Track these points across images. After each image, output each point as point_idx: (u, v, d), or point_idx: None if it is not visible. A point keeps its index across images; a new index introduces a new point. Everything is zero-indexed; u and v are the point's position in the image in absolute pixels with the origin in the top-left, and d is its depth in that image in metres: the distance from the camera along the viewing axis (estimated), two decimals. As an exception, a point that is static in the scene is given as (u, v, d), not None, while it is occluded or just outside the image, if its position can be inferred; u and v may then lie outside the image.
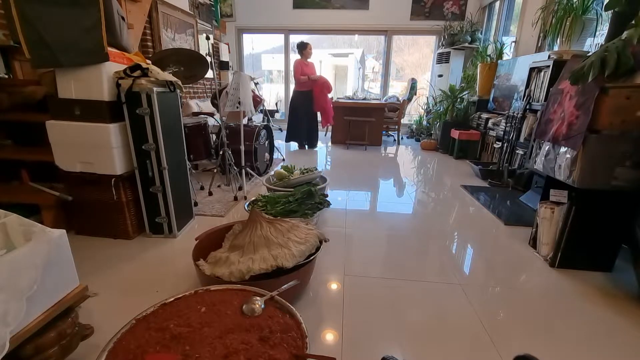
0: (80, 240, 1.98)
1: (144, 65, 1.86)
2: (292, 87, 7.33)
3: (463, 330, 1.37)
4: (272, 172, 2.76)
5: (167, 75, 1.97)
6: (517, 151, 3.37)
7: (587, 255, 1.81)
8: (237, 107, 2.67)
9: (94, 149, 1.86)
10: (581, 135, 1.63)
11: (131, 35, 3.00)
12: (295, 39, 7.18)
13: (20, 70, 2.38)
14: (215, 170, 2.99)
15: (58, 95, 1.85)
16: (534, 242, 2.04)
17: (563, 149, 1.77)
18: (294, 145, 5.20)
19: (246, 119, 3.41)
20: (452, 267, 1.84)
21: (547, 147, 1.92)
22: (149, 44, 3.85)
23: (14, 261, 0.88)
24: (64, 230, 1.03)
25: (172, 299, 1.12)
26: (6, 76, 2.31)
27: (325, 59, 10.42)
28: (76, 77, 1.80)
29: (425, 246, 2.09)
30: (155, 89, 1.82)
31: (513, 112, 3.42)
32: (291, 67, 7.05)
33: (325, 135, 6.27)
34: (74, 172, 1.91)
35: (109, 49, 1.81)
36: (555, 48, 3.22)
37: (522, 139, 3.28)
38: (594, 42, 3.06)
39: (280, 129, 6.82)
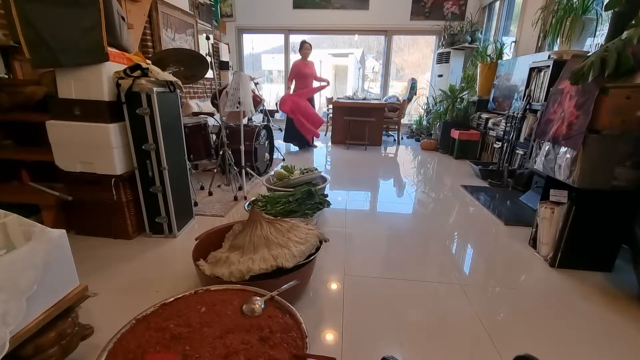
0: (80, 240, 1.98)
1: (144, 65, 1.86)
2: (292, 87, 7.32)
3: (463, 330, 1.37)
4: (272, 172, 2.76)
5: (167, 75, 1.97)
6: (517, 151, 3.37)
7: (587, 255, 1.81)
8: (237, 107, 2.67)
9: (94, 149, 1.86)
10: (581, 135, 1.63)
11: (131, 35, 3.00)
12: (295, 39, 7.18)
13: (21, 70, 2.38)
14: (215, 170, 2.99)
15: (58, 95, 1.85)
16: (534, 242, 2.04)
17: (563, 149, 1.77)
18: (294, 145, 5.20)
19: (246, 119, 3.41)
20: (452, 267, 1.84)
21: (547, 147, 1.92)
22: (149, 44, 3.85)
23: (14, 261, 0.88)
24: (64, 230, 1.03)
25: (172, 299, 1.12)
26: (6, 76, 2.31)
27: (325, 59, 10.42)
28: (76, 77, 1.80)
29: (426, 246, 2.09)
30: (155, 89, 1.82)
31: (513, 112, 3.42)
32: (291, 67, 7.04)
33: (326, 135, 6.27)
34: (74, 172, 1.91)
35: (109, 49, 1.81)
36: (555, 48, 3.22)
37: (522, 139, 3.28)
38: (594, 42, 3.06)
39: (280, 129, 6.82)
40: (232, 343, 0.95)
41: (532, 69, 3.23)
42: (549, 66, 2.92)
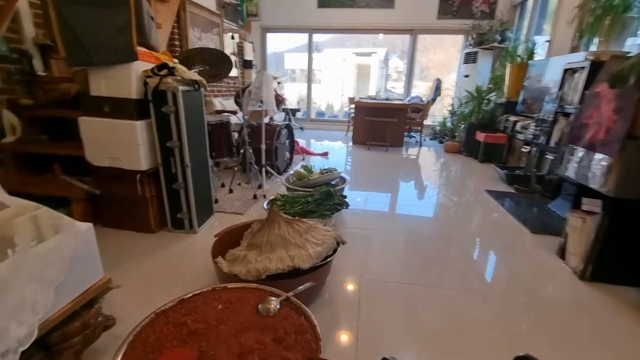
0: (107, 232, 2.06)
1: (170, 64, 1.91)
2: (314, 86, 7.36)
3: (482, 340, 1.32)
4: (292, 171, 2.77)
5: (193, 75, 2.01)
6: (547, 156, 3.23)
7: (621, 269, 1.70)
8: (260, 106, 2.69)
9: (121, 145, 1.92)
10: (619, 141, 1.53)
11: (159, 35, 3.08)
12: (318, 38, 7.19)
13: (56, 68, 2.50)
14: (235, 169, 3.03)
15: (90, 92, 1.92)
16: (562, 253, 1.94)
17: (598, 156, 1.67)
18: None
19: (268, 117, 3.44)
20: (472, 274, 1.78)
21: (581, 154, 1.82)
22: (177, 42, 3.95)
23: (44, 252, 0.92)
24: (91, 224, 1.07)
25: (190, 295, 1.14)
26: (44, 74, 2.43)
27: (349, 58, 10.37)
28: (107, 75, 1.87)
29: (446, 252, 2.03)
30: (180, 87, 1.87)
31: (543, 115, 3.27)
32: (314, 66, 7.06)
33: (347, 135, 6.24)
34: (103, 167, 1.99)
35: (138, 48, 1.86)
36: (592, 48, 3.05)
37: (552, 143, 3.13)
38: (636, 42, 2.88)
39: (302, 128, 6.85)
40: (247, 342, 0.96)
41: (566, 70, 3.08)
42: (584, 67, 2.77)
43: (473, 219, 2.59)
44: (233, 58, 2.64)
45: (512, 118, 4.21)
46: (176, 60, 2.16)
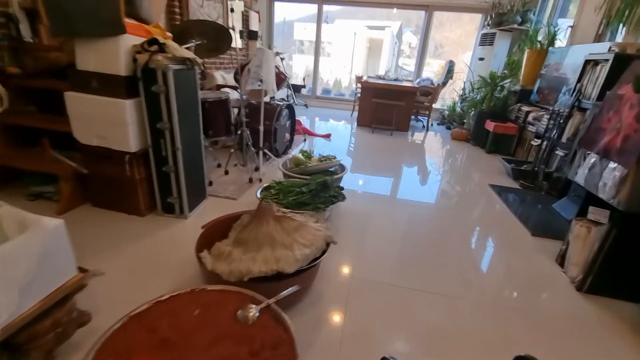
0: (95, 213, 2.02)
1: (161, 39, 1.77)
2: (322, 59, 7.08)
3: (470, 348, 1.28)
4: (291, 155, 2.68)
5: (185, 52, 1.88)
6: (557, 152, 3.09)
7: (623, 284, 1.63)
8: (259, 85, 2.56)
9: (109, 124, 1.83)
10: (637, 152, 1.42)
11: (157, 2, 2.90)
12: (328, 9, 6.83)
13: (45, 35, 2.36)
14: (232, 150, 2.94)
15: (77, 66, 1.81)
16: (562, 260, 1.88)
17: (612, 165, 1.56)
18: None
19: (268, 97, 3.30)
20: (465, 278, 1.73)
21: (593, 160, 1.71)
22: (177, 10, 3.74)
23: (6, 254, 0.86)
24: (62, 221, 1.00)
25: (167, 297, 1.10)
26: (31, 41, 2.29)
27: (360, 31, 9.94)
28: (94, 48, 1.74)
29: (441, 252, 1.97)
30: (171, 66, 1.75)
31: (558, 108, 3.11)
32: (323, 38, 6.79)
33: (352, 115, 6.06)
34: (91, 146, 1.91)
35: (127, 20, 1.73)
36: (619, 39, 2.83)
37: (564, 139, 2.99)
38: (668, 35, 2.66)
39: (306, 105, 6.66)
40: (220, 355, 0.92)
41: (587, 61, 2.88)
42: (607, 60, 2.58)
43: (473, 215, 2.51)
44: (232, 32, 2.48)
45: (525, 108, 4.03)
46: (170, 34, 2.02)
